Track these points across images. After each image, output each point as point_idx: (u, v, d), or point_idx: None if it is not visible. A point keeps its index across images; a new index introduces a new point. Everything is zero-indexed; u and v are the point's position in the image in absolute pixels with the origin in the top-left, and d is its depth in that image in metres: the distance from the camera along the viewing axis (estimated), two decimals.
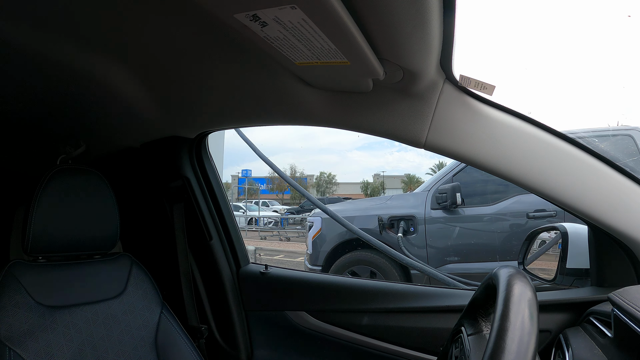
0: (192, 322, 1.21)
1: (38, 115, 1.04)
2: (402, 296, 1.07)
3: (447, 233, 3.46)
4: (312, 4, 0.46)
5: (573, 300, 0.87)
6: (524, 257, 1.12)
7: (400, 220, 3.54)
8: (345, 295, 1.13)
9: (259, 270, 1.25)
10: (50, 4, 0.59)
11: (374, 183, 12.09)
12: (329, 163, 21.02)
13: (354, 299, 1.11)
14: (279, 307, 1.20)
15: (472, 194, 3.47)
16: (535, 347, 0.46)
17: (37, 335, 0.87)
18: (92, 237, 1.02)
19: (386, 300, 1.07)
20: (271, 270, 1.25)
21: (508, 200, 3.26)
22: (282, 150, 16.02)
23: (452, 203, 3.40)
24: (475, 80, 0.73)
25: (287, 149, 13.51)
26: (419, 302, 1.05)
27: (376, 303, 1.08)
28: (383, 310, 1.07)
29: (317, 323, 1.13)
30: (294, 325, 1.16)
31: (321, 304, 1.14)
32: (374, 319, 1.08)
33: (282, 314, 1.18)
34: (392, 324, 1.06)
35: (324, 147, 37.10)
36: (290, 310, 1.17)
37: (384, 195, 5.07)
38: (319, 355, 1.14)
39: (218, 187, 1.32)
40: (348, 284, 1.14)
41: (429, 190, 3.59)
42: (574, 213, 0.80)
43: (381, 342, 1.06)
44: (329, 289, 1.15)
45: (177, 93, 0.92)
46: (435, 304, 1.03)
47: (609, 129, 3.27)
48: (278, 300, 1.21)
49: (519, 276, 0.56)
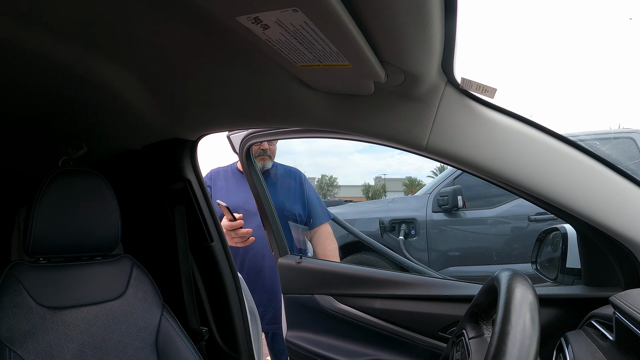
0: (193, 324, 1.20)
1: (40, 117, 1.04)
2: (409, 285, 1.22)
3: (448, 236, 3.46)
4: (314, 6, 0.46)
5: (559, 297, 0.97)
6: (537, 257, 1.20)
7: (402, 223, 3.54)
8: (362, 282, 1.29)
9: (295, 259, 1.44)
10: (52, 5, 0.59)
11: (376, 186, 12.19)
12: (331, 166, 21.04)
13: (369, 285, 1.27)
14: (309, 291, 1.38)
15: (474, 196, 3.47)
16: (537, 350, 0.46)
17: (37, 336, 0.87)
18: (93, 238, 1.02)
19: (396, 288, 1.23)
20: (305, 260, 1.43)
21: (509, 203, 3.26)
22: (283, 153, 16.20)
23: (453, 206, 3.40)
24: (477, 83, 0.73)
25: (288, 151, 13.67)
26: (423, 290, 1.19)
27: (388, 290, 1.24)
28: (393, 297, 1.23)
29: (340, 306, 1.31)
30: (321, 307, 1.34)
31: (343, 289, 1.31)
32: (385, 304, 1.24)
33: (311, 297, 1.37)
34: (399, 309, 1.21)
35: (326, 150, 37.07)
36: (318, 294, 1.35)
37: (386, 198, 5.05)
38: (339, 334, 1.32)
39: None
40: (365, 273, 1.31)
41: (430, 193, 3.59)
42: (576, 216, 0.80)
43: (389, 324, 1.22)
44: (350, 276, 1.31)
45: (179, 95, 0.93)
46: (436, 292, 1.17)
47: (610, 132, 3.27)
48: (308, 285, 1.38)
49: (520, 279, 0.56)
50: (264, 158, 1.72)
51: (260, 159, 1.71)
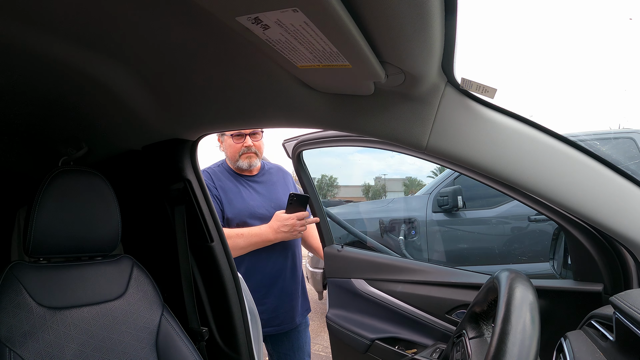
0: (193, 325, 1.20)
1: (40, 117, 1.04)
2: (425, 272, 1.42)
3: (448, 236, 3.45)
4: (314, 7, 0.46)
5: (548, 289, 1.09)
6: (553, 253, 1.31)
7: (402, 223, 3.53)
8: (388, 268, 1.50)
9: (337, 248, 1.66)
10: (53, 6, 0.59)
11: (376, 186, 12.11)
12: (330, 166, 21.06)
13: (393, 271, 1.48)
14: (347, 275, 1.60)
15: (474, 197, 3.46)
16: (537, 350, 0.46)
17: (37, 336, 0.87)
18: (93, 238, 1.02)
19: (414, 274, 1.44)
20: (345, 249, 1.66)
21: (509, 203, 3.25)
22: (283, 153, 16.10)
23: (453, 206, 3.39)
24: (477, 83, 0.73)
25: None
26: (435, 277, 1.39)
27: (408, 275, 1.45)
28: (412, 282, 1.43)
29: (370, 288, 1.53)
30: (355, 289, 1.56)
31: (373, 274, 1.53)
32: (405, 288, 1.45)
33: (348, 281, 1.58)
34: (416, 293, 1.42)
35: (325, 150, 36.73)
36: (354, 278, 1.57)
37: (386, 198, 5.06)
38: (368, 313, 1.53)
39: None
40: (391, 260, 1.53)
41: (430, 193, 3.58)
42: (575, 216, 0.80)
43: (408, 306, 1.43)
44: (379, 263, 1.53)
45: (179, 95, 0.93)
46: (446, 280, 1.36)
47: (610, 132, 3.26)
48: (346, 270, 1.60)
49: (521, 280, 0.56)
50: (249, 156, 1.67)
51: (246, 157, 1.66)
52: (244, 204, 1.64)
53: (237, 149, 1.66)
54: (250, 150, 1.67)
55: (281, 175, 1.85)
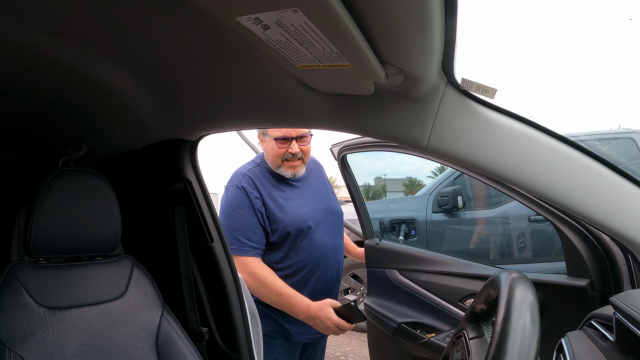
0: (193, 325, 1.20)
1: (40, 117, 1.04)
2: (443, 263, 1.61)
3: (448, 236, 3.45)
4: (314, 7, 0.46)
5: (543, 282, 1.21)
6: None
7: (402, 224, 3.53)
8: (416, 260, 1.69)
9: (375, 241, 1.86)
10: (53, 6, 0.59)
11: (376, 186, 12.13)
12: (330, 166, 20.91)
13: (419, 262, 1.68)
14: (383, 266, 1.79)
15: (474, 197, 3.46)
16: (537, 351, 0.46)
17: (37, 336, 0.87)
18: (93, 238, 1.02)
19: (436, 265, 1.62)
20: (382, 242, 1.85)
21: (509, 203, 3.25)
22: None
23: (453, 206, 3.39)
24: (477, 83, 0.73)
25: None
26: (452, 268, 1.57)
27: (430, 266, 1.64)
28: (433, 272, 1.61)
29: (400, 278, 1.71)
30: (388, 278, 1.75)
31: (404, 265, 1.72)
32: (428, 277, 1.63)
33: (383, 271, 1.78)
34: (436, 282, 1.59)
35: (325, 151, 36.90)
36: (388, 268, 1.76)
37: (386, 198, 5.06)
38: (397, 299, 1.71)
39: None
40: (418, 253, 1.72)
41: (430, 194, 3.58)
42: (576, 216, 0.81)
43: (429, 293, 1.60)
44: (408, 255, 1.73)
45: (179, 95, 0.93)
46: (460, 270, 1.55)
47: (610, 132, 3.26)
48: (383, 261, 1.79)
49: (521, 280, 0.56)
50: (294, 165, 1.46)
51: (290, 167, 1.46)
52: (296, 211, 1.47)
53: (279, 154, 1.45)
54: (296, 158, 1.46)
55: (319, 171, 1.69)
